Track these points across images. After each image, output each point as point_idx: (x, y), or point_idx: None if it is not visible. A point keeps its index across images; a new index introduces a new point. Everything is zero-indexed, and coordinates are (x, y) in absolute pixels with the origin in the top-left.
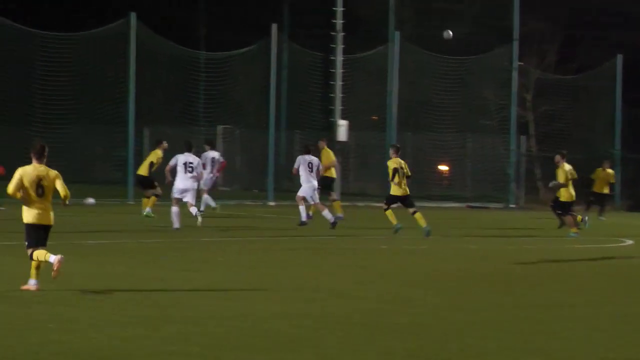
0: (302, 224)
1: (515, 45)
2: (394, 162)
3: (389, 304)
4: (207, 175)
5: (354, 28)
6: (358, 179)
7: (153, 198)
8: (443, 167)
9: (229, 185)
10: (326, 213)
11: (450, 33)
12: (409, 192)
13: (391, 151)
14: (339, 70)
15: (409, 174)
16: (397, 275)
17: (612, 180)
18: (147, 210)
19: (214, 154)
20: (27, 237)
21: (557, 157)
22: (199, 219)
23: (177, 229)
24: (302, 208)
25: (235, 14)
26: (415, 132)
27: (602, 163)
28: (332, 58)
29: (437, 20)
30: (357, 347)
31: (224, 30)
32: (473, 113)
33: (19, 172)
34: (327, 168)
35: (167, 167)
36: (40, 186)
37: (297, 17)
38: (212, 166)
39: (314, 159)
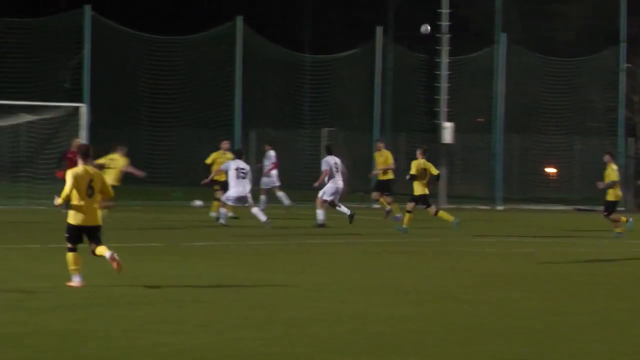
0: (320, 225)
1: (623, 46)
2: (416, 165)
3: (494, 307)
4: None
5: (460, 29)
6: (464, 181)
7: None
8: (550, 170)
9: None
10: (320, 213)
11: (428, 28)
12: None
13: (418, 152)
14: (444, 72)
15: (436, 172)
16: (501, 278)
17: None
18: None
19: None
20: (68, 236)
21: (607, 157)
22: (263, 218)
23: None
24: (319, 212)
25: (340, 17)
26: (522, 134)
27: None
28: (437, 60)
29: (544, 22)
30: (463, 351)
31: (329, 33)
32: (580, 115)
33: (71, 175)
34: (385, 170)
35: (217, 169)
36: (91, 187)
37: (402, 19)
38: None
39: (338, 160)
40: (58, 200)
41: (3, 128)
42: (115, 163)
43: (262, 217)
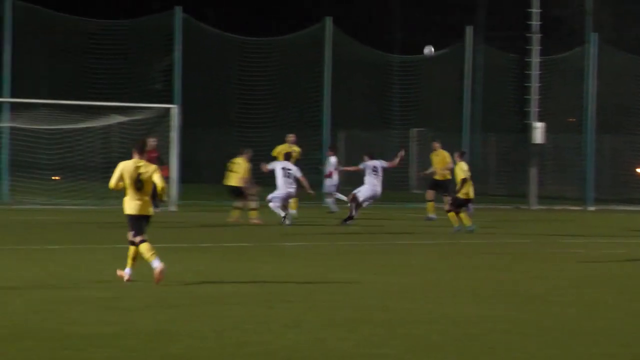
0: (348, 219)
1: None
2: (461, 170)
3: (584, 309)
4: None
5: (550, 29)
6: (555, 182)
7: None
8: None
9: (422, 188)
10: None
11: (432, 49)
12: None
13: (457, 155)
14: (534, 72)
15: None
16: (592, 279)
17: None
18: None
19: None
20: (130, 227)
21: None
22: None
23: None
24: (351, 206)
25: (429, 17)
26: (613, 134)
27: None
28: (527, 60)
29: (635, 22)
30: (553, 353)
31: (419, 33)
32: None
33: (120, 167)
34: (445, 170)
35: (265, 167)
36: (139, 180)
37: (492, 19)
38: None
39: (377, 163)
40: (110, 185)
41: (95, 129)
42: (238, 167)
43: (281, 213)
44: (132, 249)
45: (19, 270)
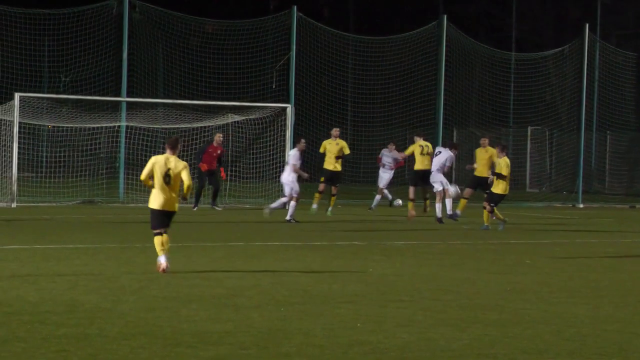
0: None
1: None
2: (506, 166)
3: None
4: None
5: None
6: None
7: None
8: None
9: (537, 186)
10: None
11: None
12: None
13: (498, 149)
14: None
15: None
16: None
17: None
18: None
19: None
20: (151, 220)
21: None
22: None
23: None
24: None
25: (547, 14)
26: None
27: None
28: None
29: None
30: None
31: (536, 31)
32: None
33: (152, 161)
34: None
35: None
36: (168, 175)
37: (611, 16)
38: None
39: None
40: (141, 177)
41: (211, 128)
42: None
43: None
44: (156, 239)
45: (132, 267)
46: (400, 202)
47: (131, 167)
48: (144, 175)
